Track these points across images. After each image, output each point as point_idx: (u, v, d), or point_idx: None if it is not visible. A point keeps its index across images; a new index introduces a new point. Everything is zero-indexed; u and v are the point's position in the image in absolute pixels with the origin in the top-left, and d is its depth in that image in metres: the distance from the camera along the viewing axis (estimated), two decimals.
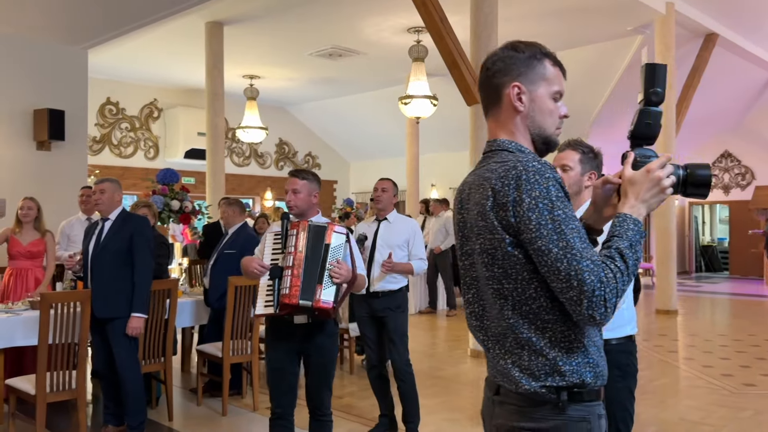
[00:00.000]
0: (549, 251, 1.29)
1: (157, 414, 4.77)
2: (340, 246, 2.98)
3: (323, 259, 2.93)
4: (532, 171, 1.33)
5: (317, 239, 2.97)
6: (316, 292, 2.90)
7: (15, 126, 6.56)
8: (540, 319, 1.36)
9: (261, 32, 9.25)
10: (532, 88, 1.49)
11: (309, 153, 15.14)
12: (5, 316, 4.41)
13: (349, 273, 2.96)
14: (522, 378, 1.37)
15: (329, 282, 2.91)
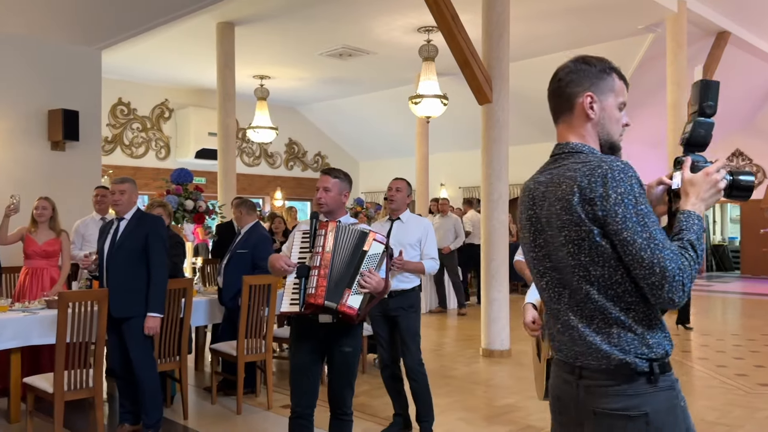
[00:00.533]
0: (634, 241, 1.45)
1: (173, 412, 4.80)
2: (377, 255, 2.96)
3: (357, 265, 2.92)
4: (617, 170, 1.49)
5: (357, 244, 2.95)
6: (344, 296, 2.89)
7: (30, 126, 6.61)
8: (624, 301, 1.52)
9: (272, 32, 9.28)
10: (602, 98, 1.65)
11: (318, 153, 15.16)
12: (22, 315, 4.45)
13: (380, 284, 2.94)
14: (614, 351, 1.52)
15: (358, 288, 2.91)
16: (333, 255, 2.94)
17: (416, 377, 4.16)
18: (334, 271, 2.93)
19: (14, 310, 4.56)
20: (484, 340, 6.80)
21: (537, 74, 10.68)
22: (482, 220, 6.90)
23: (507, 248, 6.80)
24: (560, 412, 1.69)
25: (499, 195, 6.72)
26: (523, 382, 5.59)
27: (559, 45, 10.01)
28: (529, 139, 12.46)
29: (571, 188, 1.53)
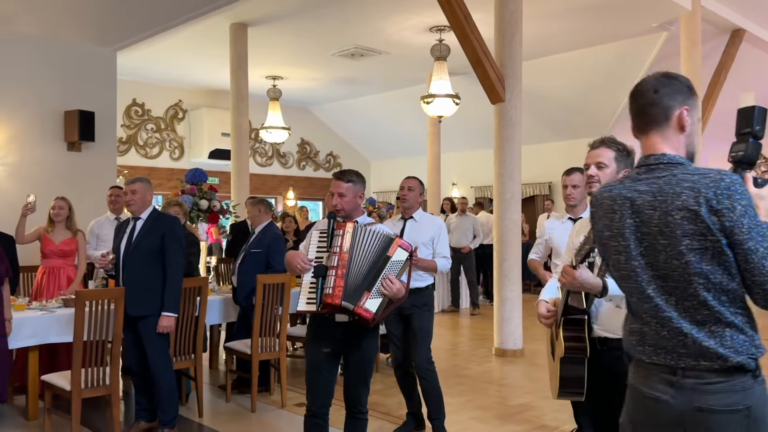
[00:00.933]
0: (757, 251, 1.57)
1: (188, 410, 4.84)
2: (400, 262, 2.96)
3: (380, 269, 2.92)
4: (737, 183, 1.60)
5: (381, 248, 2.95)
6: (362, 298, 2.89)
7: (46, 127, 6.69)
8: (735, 306, 1.65)
9: (284, 33, 9.31)
10: (693, 112, 1.77)
11: (330, 153, 15.20)
12: (40, 313, 4.50)
13: (400, 291, 2.93)
14: (728, 353, 1.63)
15: (378, 293, 2.90)
16: (351, 255, 2.94)
17: (426, 375, 4.17)
18: (352, 272, 2.93)
19: (32, 309, 4.62)
20: (497, 339, 6.79)
21: (550, 73, 10.76)
22: (495, 219, 6.89)
23: (520, 248, 6.79)
24: (655, 417, 1.73)
25: (511, 194, 6.71)
26: (538, 382, 5.58)
27: (572, 43, 9.97)
28: (541, 138, 12.43)
29: (696, 199, 1.61)
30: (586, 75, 10.65)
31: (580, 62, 10.46)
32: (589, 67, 10.46)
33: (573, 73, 10.70)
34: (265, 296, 4.80)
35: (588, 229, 2.62)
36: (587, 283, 2.32)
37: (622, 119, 11.31)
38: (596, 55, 10.25)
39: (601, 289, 2.33)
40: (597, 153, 2.57)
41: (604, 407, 2.62)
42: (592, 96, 11.05)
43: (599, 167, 2.54)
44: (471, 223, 9.67)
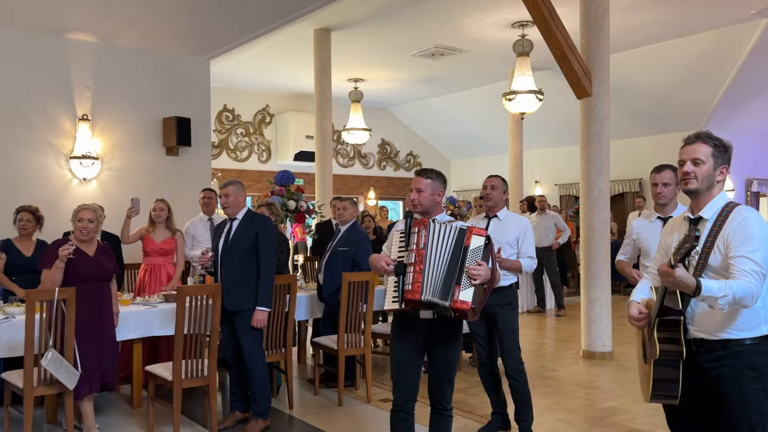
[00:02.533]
0: None
1: (279, 402, 5.03)
2: (479, 248, 2.98)
3: (462, 261, 2.95)
4: None
5: (457, 241, 2.98)
6: (454, 293, 2.92)
7: (147, 133, 7.14)
8: None
9: (366, 36, 9.47)
10: None
11: (410, 152, 15.28)
12: (143, 308, 4.82)
13: (487, 274, 2.95)
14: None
15: (467, 283, 2.93)
16: (428, 251, 2.98)
17: (516, 375, 4.13)
18: (431, 268, 2.97)
19: (136, 304, 4.95)
20: (584, 341, 6.62)
21: (639, 65, 10.36)
22: (581, 217, 6.72)
23: (608, 247, 6.58)
24: None
25: (599, 191, 6.52)
26: (628, 385, 5.41)
27: (663, 34, 9.55)
28: (631, 133, 11.97)
29: None
30: (679, 66, 10.17)
31: (671, 53, 10.00)
32: (682, 57, 9.98)
33: (664, 64, 10.24)
34: (350, 294, 4.92)
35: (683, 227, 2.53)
36: (684, 282, 2.25)
37: (717, 112, 10.72)
38: (689, 45, 9.77)
39: (694, 289, 2.26)
40: (693, 149, 2.48)
41: (699, 411, 2.53)
42: (685, 88, 10.53)
43: (696, 163, 2.45)
44: (552, 221, 9.46)
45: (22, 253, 4.93)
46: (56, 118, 6.55)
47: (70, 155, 6.60)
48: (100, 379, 4.13)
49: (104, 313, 4.19)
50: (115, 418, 4.63)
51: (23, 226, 4.97)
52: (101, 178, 6.82)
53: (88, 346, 4.01)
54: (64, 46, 6.59)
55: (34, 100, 6.42)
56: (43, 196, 6.17)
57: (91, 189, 6.73)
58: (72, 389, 3.90)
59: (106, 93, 6.83)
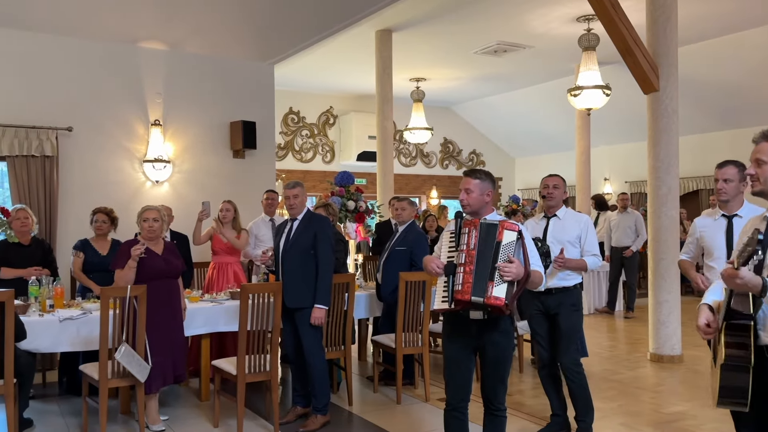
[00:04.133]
0: None
1: (338, 398, 5.13)
2: (511, 243, 2.99)
3: (494, 257, 2.97)
4: None
5: (489, 237, 3.01)
6: (488, 289, 2.94)
7: (215, 137, 7.42)
8: None
9: (427, 36, 9.47)
10: None
11: (473, 151, 15.16)
12: (210, 305, 5.03)
13: (519, 270, 2.96)
14: None
15: (500, 279, 2.94)
16: (477, 251, 3.00)
17: (573, 377, 4.07)
18: (479, 268, 2.98)
19: (204, 301, 5.17)
20: (652, 344, 6.41)
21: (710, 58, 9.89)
22: (649, 216, 6.50)
23: (678, 246, 6.33)
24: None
25: (668, 189, 6.29)
26: (697, 390, 5.20)
27: (735, 25, 9.07)
28: (704, 128, 11.45)
29: None
30: (754, 57, 9.63)
31: (745, 44, 9.48)
32: (757, 48, 9.45)
33: (737, 56, 9.73)
34: (407, 293, 4.96)
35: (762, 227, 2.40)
36: (751, 282, 2.16)
37: None
38: (759, 38, 9.23)
39: (760, 289, 2.17)
40: (757, 148, 2.39)
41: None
42: (754, 82, 9.97)
43: (759, 164, 2.35)
44: (633, 221, 9.07)
45: (98, 252, 5.23)
46: (130, 123, 6.91)
47: (143, 159, 6.95)
48: (172, 372, 4.35)
49: (173, 309, 4.40)
50: (184, 411, 4.85)
51: (99, 227, 5.27)
52: (172, 180, 7.14)
53: (159, 341, 4.22)
54: (137, 55, 6.94)
55: (110, 107, 6.79)
56: (118, 198, 6.52)
57: (163, 191, 7.06)
58: (143, 382, 4.12)
59: (176, 99, 7.15)
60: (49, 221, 6.25)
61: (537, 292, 3.99)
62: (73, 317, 4.44)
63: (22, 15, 6.11)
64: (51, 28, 6.39)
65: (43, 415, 4.68)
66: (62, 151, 6.40)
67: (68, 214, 6.36)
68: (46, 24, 6.32)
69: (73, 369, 5.01)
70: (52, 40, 6.47)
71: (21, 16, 6.12)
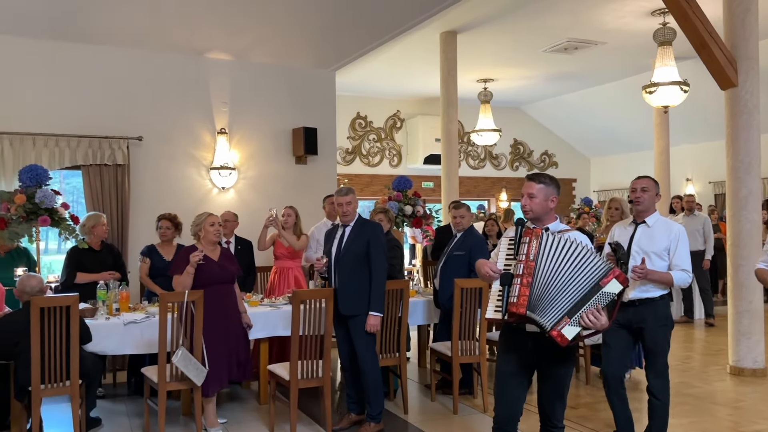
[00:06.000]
0: None
1: (394, 406, 5.08)
2: (611, 294, 2.75)
3: (587, 297, 2.74)
4: None
5: (592, 272, 2.75)
6: (561, 323, 2.73)
7: (278, 143, 7.57)
8: None
9: (493, 36, 9.29)
10: None
11: (545, 152, 14.75)
12: (269, 309, 5.11)
13: (603, 325, 2.74)
14: None
15: (578, 322, 2.73)
16: (537, 265, 2.81)
17: (660, 395, 3.82)
18: (539, 283, 2.79)
19: (263, 305, 5.26)
20: (732, 356, 5.98)
21: None
22: (729, 220, 6.08)
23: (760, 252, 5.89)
24: None
25: (748, 191, 5.86)
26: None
27: None
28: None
29: None
30: None
31: None
32: None
33: None
34: (463, 300, 4.85)
35: None
36: None
37: None
38: None
39: None
40: None
41: None
42: None
43: None
44: (701, 224, 8.58)
45: (163, 257, 5.42)
46: (197, 132, 7.15)
47: (210, 166, 7.18)
48: (227, 376, 4.44)
49: (230, 313, 4.49)
50: (242, 414, 4.94)
51: (163, 233, 5.47)
52: (238, 186, 7.33)
53: (215, 346, 4.32)
54: (204, 66, 7.18)
55: (178, 116, 7.05)
56: (186, 204, 6.74)
57: (229, 197, 7.26)
58: (200, 385, 4.22)
59: (241, 107, 7.34)
60: (120, 227, 6.56)
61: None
62: (137, 321, 4.62)
63: (95, 31, 6.44)
64: (123, 42, 6.71)
65: (111, 415, 4.89)
66: (133, 160, 6.70)
67: (138, 221, 6.64)
68: (118, 39, 6.63)
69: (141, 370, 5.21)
70: (124, 54, 6.79)
71: (94, 32, 6.45)
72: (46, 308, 3.90)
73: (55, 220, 5.02)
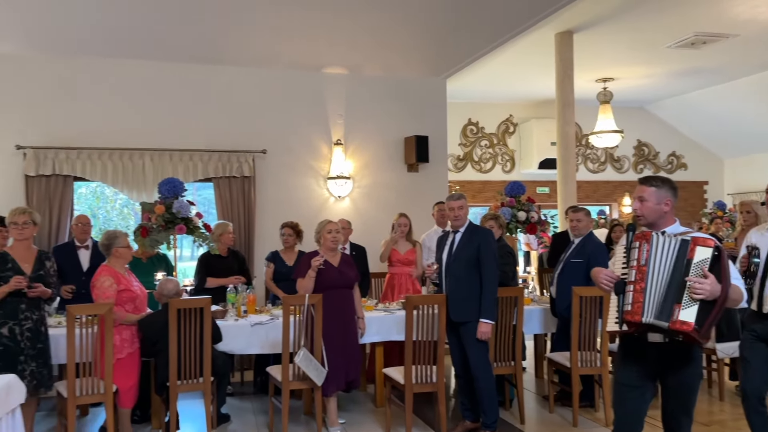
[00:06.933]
0: None
1: (510, 415, 5.00)
2: (705, 261, 2.64)
3: (682, 276, 2.65)
4: None
5: (678, 254, 2.69)
6: (673, 313, 2.62)
7: (390, 152, 7.75)
8: None
9: (612, 34, 8.91)
10: None
11: (672, 153, 13.86)
12: (383, 314, 5.22)
13: (714, 288, 2.59)
14: None
15: (689, 300, 2.61)
16: (649, 268, 2.70)
17: None
18: (652, 286, 2.69)
19: (377, 310, 5.38)
20: None
21: None
22: None
23: None
24: None
25: None
26: None
27: None
28: None
29: None
30: None
31: None
32: None
33: None
34: (582, 309, 4.69)
35: None
36: None
37: None
38: None
39: None
40: None
41: None
42: None
43: None
44: None
45: (286, 262, 5.71)
46: (315, 144, 7.48)
47: (327, 176, 7.48)
48: (345, 378, 4.59)
49: (347, 317, 4.64)
50: (360, 416, 5.08)
51: (286, 240, 5.76)
52: (353, 195, 7.57)
53: (334, 348, 4.49)
54: (321, 80, 7.52)
55: (298, 129, 7.43)
56: (305, 212, 7.06)
57: (344, 205, 7.51)
58: (320, 386, 4.39)
59: (355, 119, 7.60)
60: (247, 234, 6.98)
61: (753, 314, 3.53)
62: (263, 322, 4.90)
63: (224, 53, 6.93)
64: (248, 62, 7.17)
65: (238, 412, 5.20)
66: (258, 172, 7.14)
67: (263, 228, 7.04)
68: (244, 59, 7.10)
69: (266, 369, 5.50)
70: (249, 73, 7.26)
71: (223, 54, 6.94)
72: (182, 310, 4.24)
73: (190, 229, 5.45)
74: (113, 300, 4.19)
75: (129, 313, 4.33)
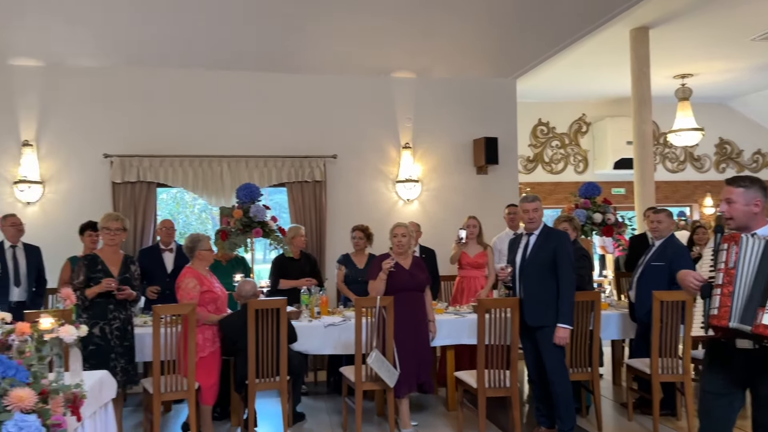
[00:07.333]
0: None
1: (588, 423, 4.87)
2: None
3: (767, 278, 2.55)
4: None
5: (764, 256, 2.59)
6: (756, 316, 2.53)
7: (459, 155, 7.72)
8: None
9: (690, 28, 8.55)
10: None
11: (758, 151, 13.13)
12: (454, 317, 5.20)
13: None
14: None
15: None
16: (738, 271, 2.59)
17: None
18: (740, 290, 2.58)
19: (447, 313, 5.37)
20: None
21: None
22: None
23: None
24: None
25: None
26: None
27: None
28: None
29: None
30: None
31: None
32: None
33: None
34: (663, 314, 4.52)
35: None
36: None
37: None
38: None
39: None
40: None
41: None
42: None
43: None
44: None
45: (356, 265, 5.78)
46: (384, 148, 7.55)
47: (396, 180, 7.53)
48: (416, 380, 4.60)
49: (418, 320, 4.66)
50: (432, 418, 5.07)
51: (356, 243, 5.84)
52: (421, 198, 7.59)
53: (406, 350, 4.51)
54: (389, 85, 7.57)
55: (367, 134, 7.51)
56: (375, 216, 7.12)
57: (413, 209, 7.53)
58: (392, 387, 4.42)
59: (423, 122, 7.62)
60: (319, 238, 7.12)
61: None
62: (335, 323, 4.98)
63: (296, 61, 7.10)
64: (319, 69, 7.31)
65: (313, 411, 5.30)
66: (329, 176, 7.26)
67: (334, 232, 7.16)
68: (315, 67, 7.25)
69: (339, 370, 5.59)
70: (319, 80, 7.40)
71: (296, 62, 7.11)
72: (260, 310, 4.38)
73: (266, 232, 5.61)
74: (196, 301, 4.37)
75: (211, 313, 4.50)
